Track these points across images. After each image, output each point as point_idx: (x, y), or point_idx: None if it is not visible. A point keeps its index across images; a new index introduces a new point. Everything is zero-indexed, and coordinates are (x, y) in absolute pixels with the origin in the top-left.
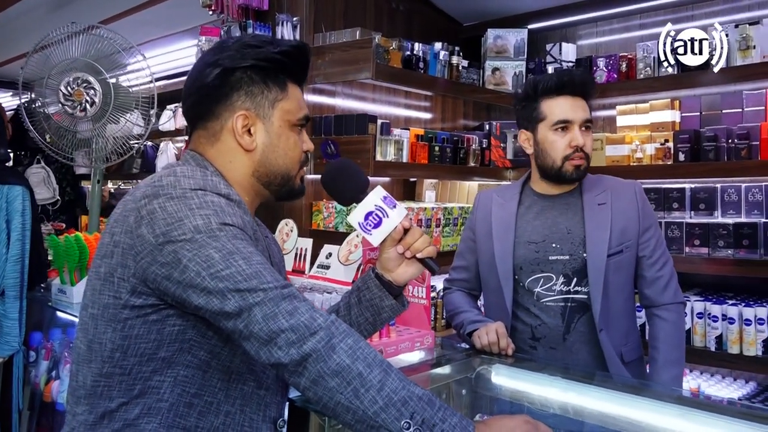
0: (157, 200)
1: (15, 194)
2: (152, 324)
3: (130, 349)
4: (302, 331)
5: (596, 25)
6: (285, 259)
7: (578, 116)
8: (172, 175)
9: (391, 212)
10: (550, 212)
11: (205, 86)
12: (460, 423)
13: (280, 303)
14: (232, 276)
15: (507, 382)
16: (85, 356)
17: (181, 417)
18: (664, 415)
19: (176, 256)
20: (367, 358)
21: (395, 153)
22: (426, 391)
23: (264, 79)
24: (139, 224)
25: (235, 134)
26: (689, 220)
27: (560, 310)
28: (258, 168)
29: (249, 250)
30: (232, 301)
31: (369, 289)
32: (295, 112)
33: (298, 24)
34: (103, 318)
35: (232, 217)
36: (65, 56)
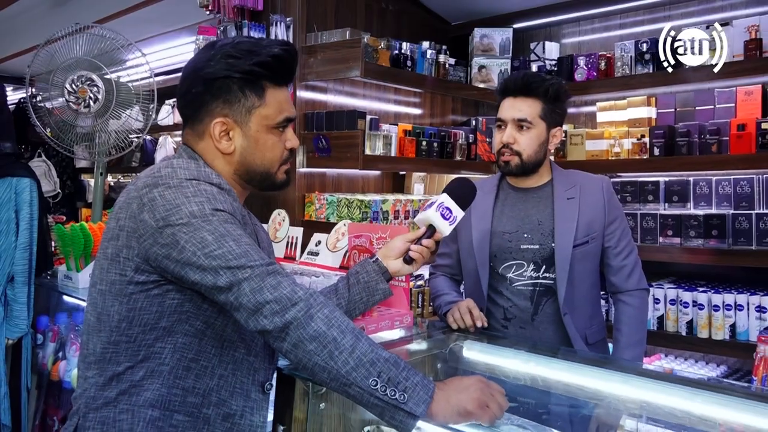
0: (157, 189)
1: (23, 186)
2: (154, 298)
3: (134, 320)
4: (284, 302)
5: (579, 25)
6: (277, 246)
7: (509, 115)
8: (169, 167)
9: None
10: (523, 205)
11: (190, 93)
12: (421, 381)
13: (266, 278)
14: (223, 255)
15: (477, 356)
16: (95, 327)
17: (180, 378)
18: (623, 384)
19: (174, 238)
20: (341, 325)
21: (384, 147)
22: (393, 354)
23: (242, 87)
24: (141, 210)
25: (213, 139)
26: (663, 212)
27: (529, 294)
28: (238, 168)
29: (238, 232)
30: (224, 276)
31: (368, 273)
32: (273, 116)
33: (291, 24)
34: (110, 293)
35: (223, 203)
36: (69, 55)
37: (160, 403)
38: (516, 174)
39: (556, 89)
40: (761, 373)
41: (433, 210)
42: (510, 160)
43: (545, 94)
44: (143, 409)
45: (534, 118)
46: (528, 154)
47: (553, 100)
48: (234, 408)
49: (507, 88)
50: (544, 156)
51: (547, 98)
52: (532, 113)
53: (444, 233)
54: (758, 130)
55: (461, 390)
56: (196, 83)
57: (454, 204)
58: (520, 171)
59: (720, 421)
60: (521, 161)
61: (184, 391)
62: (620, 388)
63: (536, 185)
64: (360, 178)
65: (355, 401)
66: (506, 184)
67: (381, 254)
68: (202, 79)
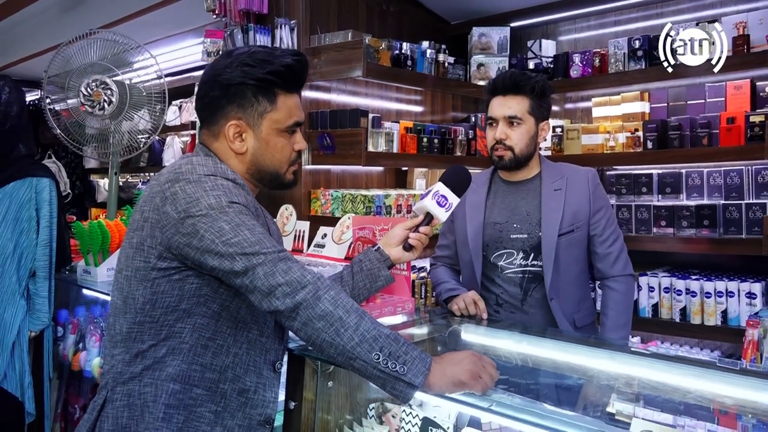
0: (178, 184)
1: (43, 185)
2: (175, 282)
3: (157, 303)
4: (295, 284)
5: (575, 23)
6: (285, 240)
7: (500, 113)
8: (189, 164)
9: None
10: (513, 197)
11: (207, 96)
12: (419, 355)
13: (278, 263)
14: (239, 243)
15: (474, 338)
16: (121, 309)
17: (199, 356)
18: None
19: (195, 228)
20: (346, 305)
21: (386, 144)
22: (393, 331)
23: (255, 93)
24: (164, 203)
25: (227, 140)
26: (657, 203)
27: (519, 281)
28: (250, 167)
29: (252, 222)
30: (240, 262)
31: (370, 260)
32: (283, 120)
33: (295, 27)
34: (135, 278)
35: (238, 197)
36: (84, 60)
37: (181, 377)
38: (510, 168)
39: (542, 86)
40: (750, 356)
41: (429, 198)
42: (504, 155)
43: (532, 91)
44: (166, 383)
45: (523, 114)
46: (520, 148)
47: (540, 96)
48: (248, 384)
49: (496, 87)
50: (534, 149)
51: (534, 94)
52: (521, 110)
53: (441, 219)
54: (747, 123)
55: (455, 363)
56: (214, 88)
57: (449, 191)
58: (514, 164)
59: (708, 395)
60: (514, 155)
61: (202, 367)
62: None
63: (526, 178)
64: (364, 174)
65: (359, 374)
66: (498, 178)
67: (382, 243)
68: (219, 85)
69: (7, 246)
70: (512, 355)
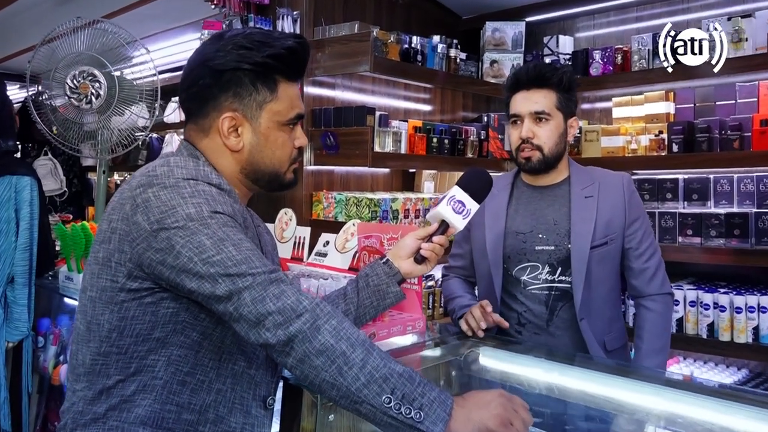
0: (152, 189)
1: (23, 184)
2: (147, 306)
3: (126, 330)
4: (288, 313)
5: (593, 18)
6: (284, 247)
7: (525, 109)
8: (166, 165)
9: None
10: (539, 203)
11: (196, 85)
12: (438, 397)
13: (268, 287)
14: (222, 261)
15: (494, 364)
16: (84, 336)
17: (175, 394)
18: (646, 394)
19: (170, 243)
20: (350, 338)
21: (393, 144)
22: (407, 368)
23: (253, 81)
24: (134, 212)
25: (221, 134)
26: (682, 210)
27: (544, 298)
28: (245, 166)
29: (239, 236)
30: (223, 285)
31: (378, 275)
32: (285, 112)
33: (298, 18)
34: (101, 300)
35: (222, 205)
36: (71, 50)
37: (152, 420)
38: (538, 170)
39: (569, 78)
40: None
41: (444, 204)
42: (531, 155)
43: (559, 84)
44: (134, 427)
45: (551, 110)
46: (549, 147)
47: (567, 89)
48: (233, 425)
49: (519, 80)
50: (564, 148)
51: (561, 88)
52: (548, 104)
53: (457, 228)
54: None
55: (482, 406)
56: (204, 75)
57: (466, 197)
58: (543, 166)
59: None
60: (543, 155)
61: (178, 408)
62: (643, 398)
63: (553, 183)
64: (369, 175)
65: (366, 420)
66: (521, 182)
67: (391, 254)
68: (211, 71)
69: None
70: (540, 385)
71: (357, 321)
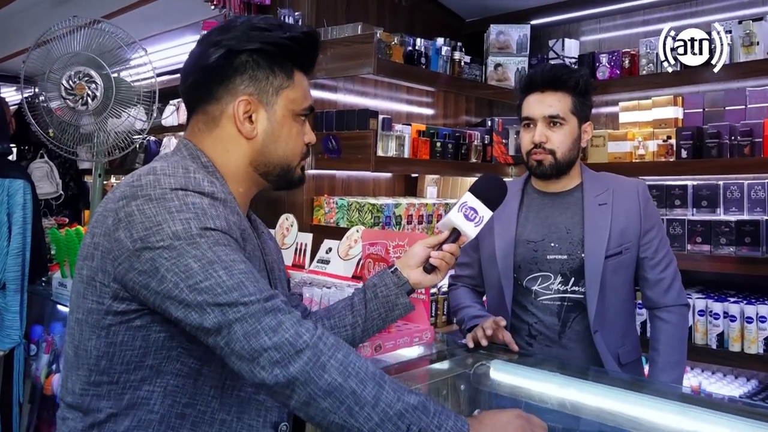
0: (135, 202)
1: (16, 188)
2: (137, 330)
3: (115, 357)
4: (287, 349)
5: (599, 21)
6: (286, 253)
7: (539, 112)
8: (152, 173)
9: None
10: (550, 211)
11: (208, 66)
12: (455, 425)
13: (263, 318)
14: (211, 288)
15: (505, 378)
16: (72, 362)
17: (174, 428)
18: (662, 411)
19: (154, 265)
20: (360, 372)
21: (396, 148)
22: (421, 397)
23: (270, 64)
24: (116, 227)
25: (236, 120)
26: (691, 218)
27: (557, 309)
28: (257, 157)
29: (231, 257)
30: (211, 315)
31: (386, 286)
32: (300, 101)
33: (300, 19)
34: (87, 323)
35: (214, 219)
36: (67, 50)
37: None
38: (550, 175)
39: (586, 81)
40: None
41: (455, 211)
42: (543, 159)
43: (575, 87)
44: None
45: (566, 114)
46: (562, 152)
47: (583, 93)
48: None
49: (533, 82)
50: (577, 154)
51: (577, 91)
52: (563, 108)
53: (469, 236)
54: None
55: (499, 428)
56: (215, 57)
57: (479, 203)
58: (555, 171)
59: None
60: (555, 161)
61: None
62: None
63: (565, 189)
64: (371, 180)
65: None
66: (531, 188)
67: (400, 263)
68: (227, 51)
69: None
70: (552, 401)
71: (365, 334)
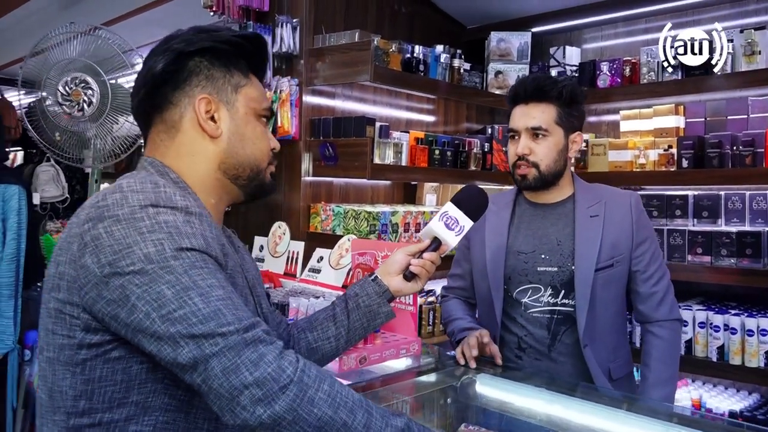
0: (102, 224)
1: (11, 193)
2: (115, 363)
3: (95, 395)
4: (270, 385)
5: (601, 29)
6: (277, 261)
7: (522, 124)
8: (118, 191)
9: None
10: (542, 222)
11: (159, 73)
12: None
13: (243, 351)
14: (185, 317)
15: (491, 392)
16: (47, 408)
17: None
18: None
19: (124, 292)
20: (347, 402)
21: (394, 156)
22: (406, 420)
23: (225, 63)
24: (82, 253)
25: (199, 120)
26: (692, 228)
27: (546, 322)
28: (225, 159)
29: (209, 282)
30: (186, 349)
31: (368, 295)
32: (260, 100)
33: (297, 25)
34: (59, 361)
35: (190, 238)
36: (64, 56)
37: None
38: (535, 188)
39: (571, 91)
40: None
41: (436, 220)
42: (527, 173)
43: (559, 97)
44: None
45: (549, 125)
46: (546, 164)
47: (569, 103)
48: None
49: (517, 94)
50: (564, 165)
51: (562, 101)
52: (547, 120)
53: (450, 245)
54: None
55: None
56: (165, 63)
57: (460, 213)
58: (540, 184)
59: None
60: (539, 173)
61: None
62: None
63: (556, 200)
64: (369, 187)
65: None
66: (523, 199)
67: (381, 271)
68: (176, 55)
69: None
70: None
71: (348, 344)
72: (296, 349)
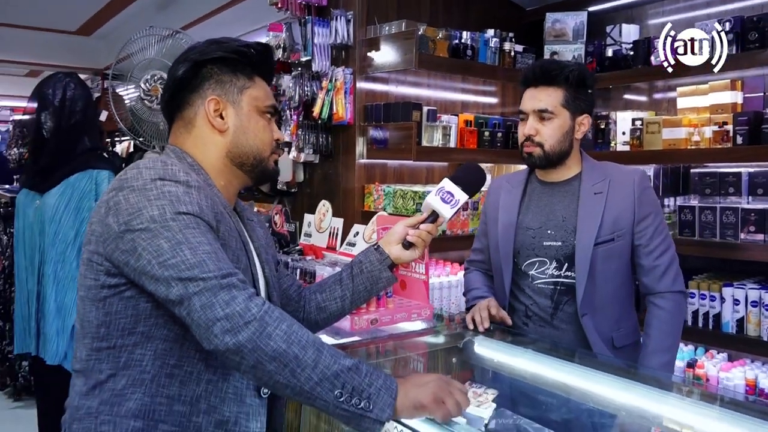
0: (122, 192)
1: (102, 177)
2: (127, 300)
3: (112, 325)
4: (236, 320)
5: (662, 4)
6: (321, 236)
7: (529, 106)
8: (135, 168)
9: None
10: (549, 199)
11: (178, 79)
12: (384, 383)
13: (218, 293)
14: (177, 265)
15: (486, 353)
16: (80, 334)
17: (164, 386)
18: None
19: (133, 245)
20: (301, 340)
21: (443, 138)
22: (355, 360)
23: (232, 69)
24: (107, 214)
25: (209, 117)
26: (745, 206)
27: (550, 292)
28: (231, 149)
29: (198, 239)
30: (175, 289)
31: (371, 262)
32: (263, 99)
33: (351, 18)
34: (88, 298)
35: (187, 205)
36: (143, 56)
37: (143, 413)
38: (540, 166)
39: (578, 75)
40: None
41: (433, 194)
42: (532, 151)
43: (566, 81)
44: (125, 420)
45: (555, 108)
46: (551, 144)
47: (576, 86)
48: (227, 414)
49: (527, 78)
50: (569, 146)
51: (569, 85)
52: (552, 102)
53: (445, 217)
54: None
55: (420, 385)
56: (183, 71)
57: (456, 188)
58: (544, 162)
59: None
60: (544, 152)
61: (169, 400)
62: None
63: (564, 179)
64: (424, 169)
65: (321, 411)
66: (534, 178)
67: (383, 241)
68: (192, 64)
69: (69, 234)
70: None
71: (353, 304)
72: (308, 308)
